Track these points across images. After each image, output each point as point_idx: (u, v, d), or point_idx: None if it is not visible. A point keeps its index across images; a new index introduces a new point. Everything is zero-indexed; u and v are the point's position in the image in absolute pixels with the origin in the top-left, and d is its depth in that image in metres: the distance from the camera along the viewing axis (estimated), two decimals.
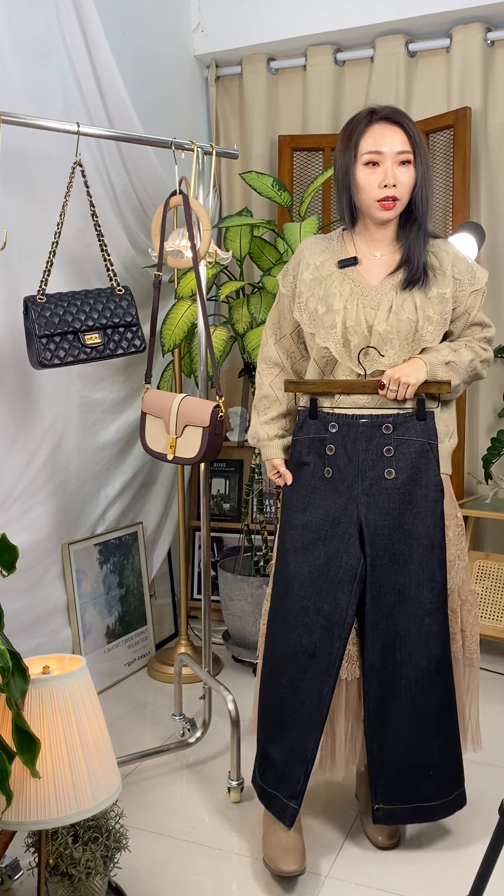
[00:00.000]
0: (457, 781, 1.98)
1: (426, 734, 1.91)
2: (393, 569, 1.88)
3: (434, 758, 1.93)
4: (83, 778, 1.49)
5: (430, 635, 1.90)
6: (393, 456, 1.87)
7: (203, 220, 2.23)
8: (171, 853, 2.01)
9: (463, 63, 3.27)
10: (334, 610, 1.89)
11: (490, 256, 3.33)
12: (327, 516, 1.91)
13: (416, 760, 1.92)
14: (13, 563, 1.55)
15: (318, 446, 1.92)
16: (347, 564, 1.89)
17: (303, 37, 3.44)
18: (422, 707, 1.90)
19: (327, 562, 1.90)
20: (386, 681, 1.90)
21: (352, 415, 1.89)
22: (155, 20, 3.29)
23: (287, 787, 1.91)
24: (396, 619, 1.89)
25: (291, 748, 1.91)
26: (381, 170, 1.84)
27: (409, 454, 1.87)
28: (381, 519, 1.88)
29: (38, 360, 2.15)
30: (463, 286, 1.94)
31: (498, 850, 1.33)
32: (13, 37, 2.39)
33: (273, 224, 3.08)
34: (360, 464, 1.88)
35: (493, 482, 3.30)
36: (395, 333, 1.86)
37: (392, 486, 1.87)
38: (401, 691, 1.90)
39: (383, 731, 1.91)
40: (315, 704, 1.89)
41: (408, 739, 1.91)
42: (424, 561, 1.89)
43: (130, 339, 2.29)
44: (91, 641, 2.86)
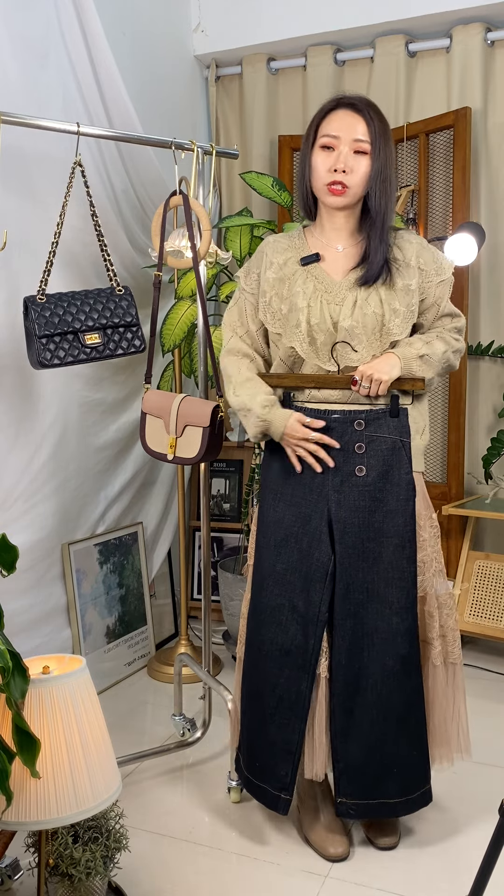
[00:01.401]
0: (422, 780, 1.96)
1: (391, 732, 1.90)
2: (362, 567, 1.87)
3: (399, 756, 1.92)
4: (83, 778, 1.49)
5: (398, 634, 1.88)
6: (364, 453, 1.85)
7: (203, 220, 2.23)
8: (171, 853, 2.01)
9: (463, 63, 3.27)
10: (308, 607, 1.89)
11: (490, 256, 3.33)
12: (299, 513, 1.90)
13: (380, 758, 1.91)
14: (13, 563, 1.55)
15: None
16: (319, 562, 1.88)
17: (303, 37, 3.44)
18: (387, 705, 1.89)
19: (300, 559, 1.90)
20: (352, 678, 1.89)
21: (324, 410, 1.87)
22: (155, 20, 3.29)
23: (275, 779, 1.94)
24: (364, 617, 1.88)
25: (274, 742, 1.93)
26: (335, 154, 1.82)
27: (381, 451, 1.86)
28: (351, 516, 1.86)
29: (37, 360, 2.15)
30: (429, 277, 1.91)
31: (498, 850, 1.33)
32: (13, 37, 2.39)
33: (273, 224, 3.08)
34: (332, 459, 1.86)
35: (493, 482, 3.30)
36: (361, 328, 1.84)
37: (363, 483, 1.86)
38: (367, 689, 1.89)
39: (347, 727, 1.91)
40: (294, 700, 1.91)
41: (373, 737, 1.90)
42: (394, 560, 1.87)
43: (130, 339, 2.29)
44: (91, 641, 2.86)
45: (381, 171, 1.83)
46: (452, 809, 2.17)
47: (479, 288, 3.37)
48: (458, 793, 2.25)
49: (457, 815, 2.15)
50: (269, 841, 2.05)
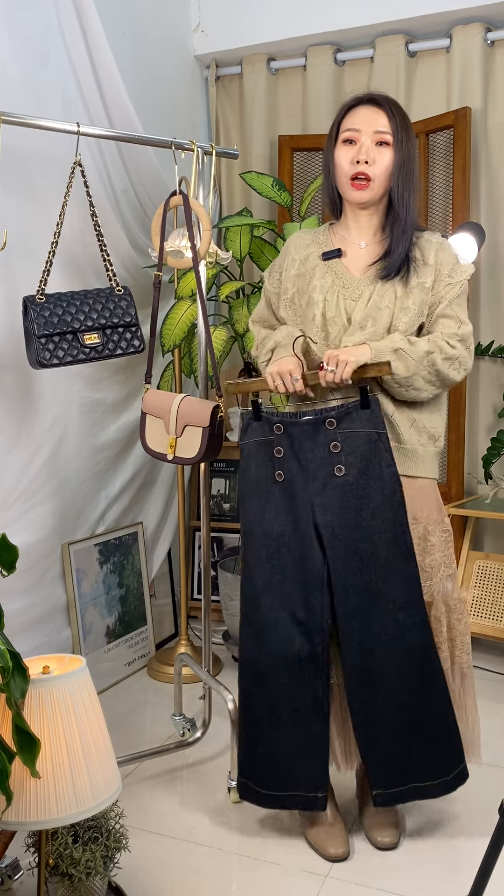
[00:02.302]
0: (456, 759, 1.94)
1: (416, 720, 1.89)
2: (357, 568, 1.83)
3: (427, 744, 1.90)
4: (83, 778, 1.49)
5: (406, 630, 1.85)
6: (341, 451, 1.80)
7: (203, 220, 2.23)
8: (171, 853, 2.01)
9: (463, 63, 3.27)
10: (310, 616, 1.87)
11: (490, 256, 3.33)
12: (287, 521, 1.87)
13: (408, 745, 1.90)
14: (13, 563, 1.55)
15: (266, 449, 1.88)
16: (314, 568, 1.85)
17: (303, 37, 3.44)
18: (408, 698, 1.87)
19: (294, 568, 1.87)
20: (367, 680, 1.87)
21: (295, 412, 1.84)
22: (155, 20, 3.29)
23: (307, 783, 1.93)
24: (369, 617, 1.84)
25: (300, 749, 1.92)
26: (357, 146, 1.84)
27: (358, 447, 1.80)
28: (338, 519, 1.82)
29: (37, 359, 2.15)
30: (441, 276, 1.90)
31: (498, 850, 1.33)
32: (13, 37, 2.39)
33: (273, 224, 3.08)
34: (309, 464, 1.83)
35: (493, 482, 3.30)
36: (371, 322, 1.84)
37: (344, 482, 1.81)
38: (383, 688, 1.87)
39: (371, 728, 1.89)
40: (312, 707, 1.89)
41: (397, 731, 1.89)
42: (389, 555, 1.83)
43: (130, 339, 2.29)
44: (91, 641, 2.86)
45: (405, 164, 1.85)
46: (452, 809, 2.17)
47: (479, 288, 3.37)
48: (458, 793, 2.24)
49: (457, 814, 2.15)
50: (269, 841, 2.05)
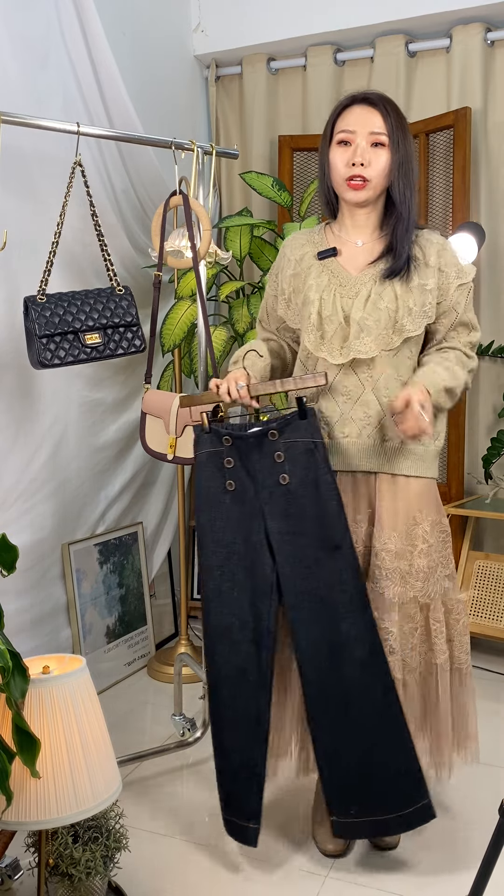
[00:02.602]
0: (415, 793, 1.84)
1: (369, 745, 1.82)
2: (304, 574, 1.83)
3: (376, 772, 1.83)
4: (83, 778, 1.49)
5: (351, 640, 1.81)
6: (284, 460, 1.82)
7: (203, 220, 2.23)
8: (171, 853, 2.01)
9: (463, 63, 3.27)
10: (258, 623, 1.87)
11: (490, 256, 3.33)
12: (238, 529, 1.88)
13: (357, 774, 1.84)
14: (13, 563, 1.55)
15: (216, 460, 1.89)
16: (262, 575, 1.86)
17: (303, 37, 3.44)
18: (355, 715, 1.82)
19: (244, 576, 1.88)
20: (320, 691, 1.83)
21: (241, 425, 1.86)
22: (155, 20, 3.29)
23: (240, 809, 1.89)
24: (317, 626, 1.83)
25: (238, 768, 1.89)
26: (353, 148, 1.82)
27: (298, 456, 1.82)
28: (285, 526, 1.83)
29: (38, 360, 2.15)
30: (449, 279, 1.88)
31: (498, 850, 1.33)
32: (13, 37, 2.39)
33: (273, 224, 3.08)
34: (257, 473, 1.84)
35: (493, 482, 3.30)
36: (374, 322, 1.83)
37: (288, 490, 1.83)
38: (335, 701, 1.82)
39: (328, 743, 1.84)
40: (254, 720, 1.87)
41: (353, 751, 1.83)
42: (331, 565, 1.82)
43: (130, 339, 2.29)
44: (91, 641, 2.86)
45: (403, 164, 1.83)
46: (452, 809, 2.17)
47: (479, 288, 3.37)
48: (458, 793, 2.25)
49: (457, 815, 2.15)
50: (270, 841, 2.05)
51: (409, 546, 1.89)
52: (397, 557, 1.87)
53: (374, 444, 1.88)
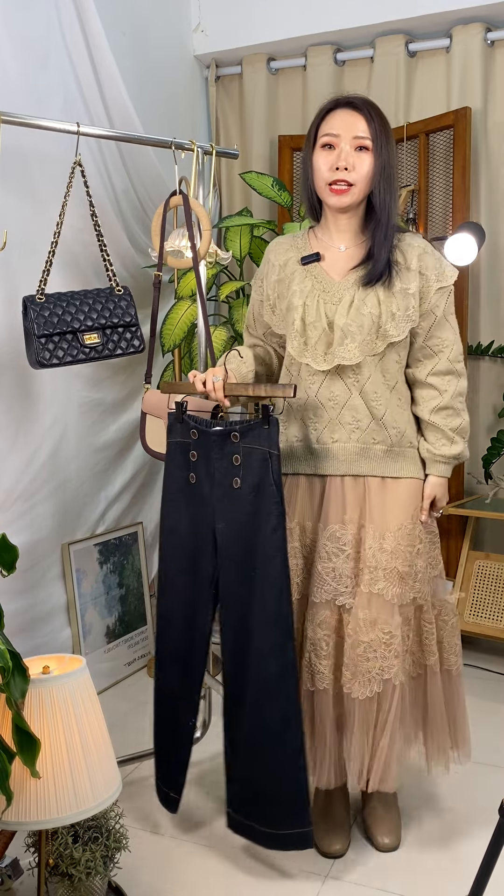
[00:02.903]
0: (295, 819, 1.83)
1: (260, 756, 1.84)
2: (236, 580, 1.86)
3: (265, 787, 1.85)
4: (83, 778, 1.49)
5: (261, 654, 1.82)
6: (241, 465, 1.82)
7: (203, 220, 2.23)
8: (171, 853, 2.01)
9: (463, 63, 3.27)
10: (197, 616, 1.92)
11: (490, 256, 3.33)
12: (192, 523, 1.92)
13: (249, 781, 1.87)
14: (13, 563, 1.56)
15: (183, 451, 1.91)
16: (206, 571, 1.90)
17: (303, 37, 3.44)
18: (255, 729, 1.84)
19: (191, 567, 1.93)
20: (235, 691, 1.88)
21: (207, 421, 1.88)
22: (155, 20, 3.29)
23: (167, 777, 2.04)
24: (245, 630, 1.85)
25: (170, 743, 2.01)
26: (336, 152, 1.81)
27: (254, 463, 1.82)
28: (230, 529, 1.86)
29: (36, 359, 2.15)
30: (429, 282, 1.87)
31: (498, 850, 1.33)
32: (13, 37, 2.39)
33: (273, 224, 3.08)
34: (215, 472, 1.85)
35: (493, 482, 3.30)
36: (357, 328, 1.82)
37: (239, 495, 1.83)
38: (246, 705, 1.85)
39: (233, 738, 1.90)
40: (185, 708, 1.97)
41: (248, 755, 1.87)
42: (261, 575, 1.82)
43: (129, 339, 2.29)
44: (91, 641, 2.86)
45: (385, 168, 1.82)
46: (452, 809, 2.17)
47: (479, 288, 3.37)
48: (458, 793, 2.25)
49: (457, 815, 2.15)
50: None
51: (409, 546, 1.89)
52: (394, 558, 1.86)
53: (363, 448, 1.88)
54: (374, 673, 1.84)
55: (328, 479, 1.91)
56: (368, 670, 1.84)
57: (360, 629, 1.85)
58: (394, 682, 1.85)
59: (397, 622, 1.86)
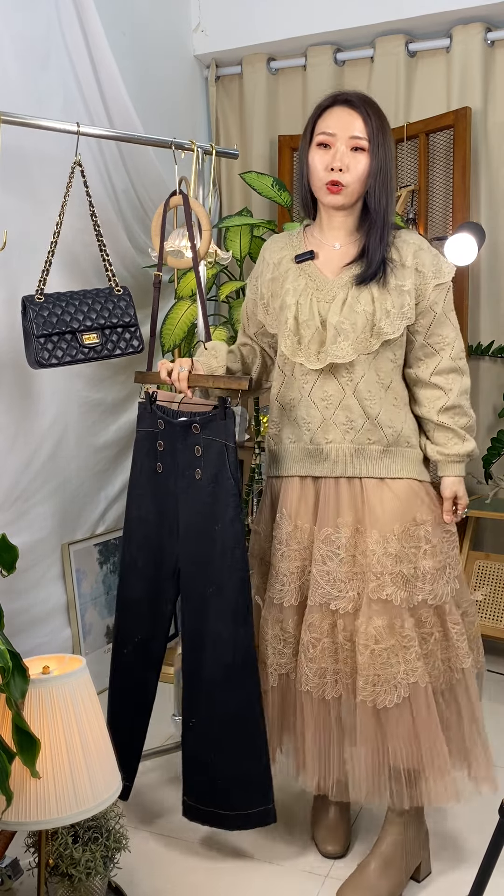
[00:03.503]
0: (262, 797, 1.88)
1: (220, 742, 1.89)
2: (195, 570, 1.92)
3: (227, 768, 1.89)
4: (83, 778, 1.49)
5: (220, 642, 1.87)
6: (201, 456, 1.89)
7: (203, 220, 2.23)
8: (171, 853, 2.01)
9: (463, 63, 3.27)
10: (159, 602, 2.01)
11: (490, 256, 3.33)
12: (158, 511, 1.99)
13: (212, 765, 1.91)
14: (13, 563, 1.56)
15: (151, 440, 1.99)
16: (169, 560, 1.99)
17: (303, 37, 3.44)
18: (216, 714, 1.90)
19: (155, 555, 2.00)
20: (191, 681, 1.94)
21: (174, 412, 1.94)
22: (155, 20, 3.29)
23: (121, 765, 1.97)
24: (201, 620, 1.92)
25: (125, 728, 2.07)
26: (332, 152, 1.80)
27: (213, 454, 1.88)
28: (190, 519, 1.92)
29: (35, 359, 2.15)
30: (426, 279, 1.84)
31: (498, 850, 1.33)
32: (13, 37, 2.40)
33: (273, 224, 3.08)
34: (179, 462, 1.93)
35: (493, 482, 3.30)
36: (350, 326, 1.80)
37: (199, 486, 1.89)
38: (202, 693, 1.92)
39: (190, 728, 1.95)
40: (142, 689, 2.04)
41: (206, 743, 1.92)
42: (218, 566, 1.87)
43: (129, 339, 2.29)
44: (91, 641, 2.86)
45: (381, 169, 1.80)
46: (452, 810, 2.17)
47: (479, 288, 3.37)
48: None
49: (457, 815, 2.15)
50: (270, 841, 2.05)
51: (413, 548, 1.83)
52: (398, 561, 1.81)
53: (358, 448, 1.84)
54: (400, 678, 1.78)
55: (322, 480, 1.88)
56: (394, 675, 1.78)
57: (379, 636, 1.79)
58: (420, 684, 1.79)
59: (411, 624, 1.81)
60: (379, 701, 1.79)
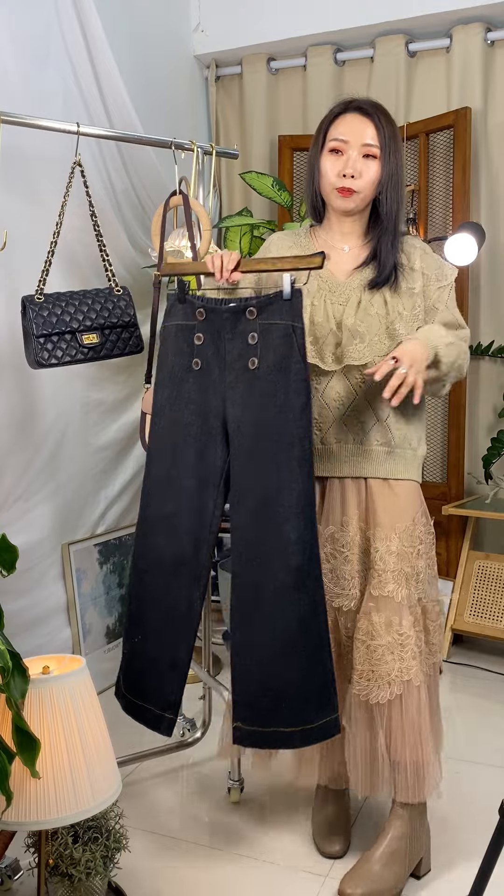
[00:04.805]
0: (323, 708, 1.75)
1: (285, 653, 1.74)
2: (254, 469, 1.73)
3: (292, 681, 1.74)
4: (83, 778, 1.49)
5: (289, 544, 1.71)
6: (257, 343, 1.73)
7: (203, 220, 2.23)
8: (171, 853, 2.01)
9: (463, 63, 3.27)
10: (201, 514, 1.79)
11: (490, 256, 3.33)
12: (197, 412, 1.78)
13: (274, 681, 1.74)
14: (13, 563, 1.55)
15: (186, 334, 1.79)
16: (214, 465, 1.77)
17: (303, 37, 3.45)
18: (280, 623, 1.73)
19: (195, 462, 1.79)
20: (249, 592, 1.75)
21: (220, 299, 1.77)
22: (155, 20, 3.29)
23: (159, 697, 1.85)
24: (258, 525, 1.73)
25: (160, 657, 1.85)
26: (344, 158, 1.81)
27: (274, 340, 1.71)
28: (245, 414, 1.73)
29: (35, 359, 2.15)
30: (429, 281, 1.89)
31: (498, 850, 1.33)
32: (13, 37, 2.40)
33: (273, 224, 3.08)
34: (227, 354, 1.76)
35: (493, 482, 3.30)
36: (366, 329, 1.82)
37: (254, 376, 1.72)
38: (261, 604, 1.74)
39: (244, 645, 1.77)
40: (185, 612, 1.82)
41: (266, 657, 1.74)
42: (284, 461, 1.71)
43: (128, 339, 2.29)
44: (91, 641, 2.86)
45: (392, 176, 1.83)
46: (452, 810, 2.17)
47: (479, 288, 3.37)
48: (458, 793, 2.25)
49: (457, 815, 2.15)
50: (269, 841, 2.05)
51: (411, 547, 1.88)
52: (400, 559, 1.85)
53: (366, 449, 1.87)
54: (394, 675, 1.81)
55: (328, 480, 1.91)
56: (388, 672, 1.81)
57: (375, 632, 1.82)
58: (415, 682, 1.82)
59: (409, 622, 1.84)
60: (372, 696, 1.82)
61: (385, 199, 1.84)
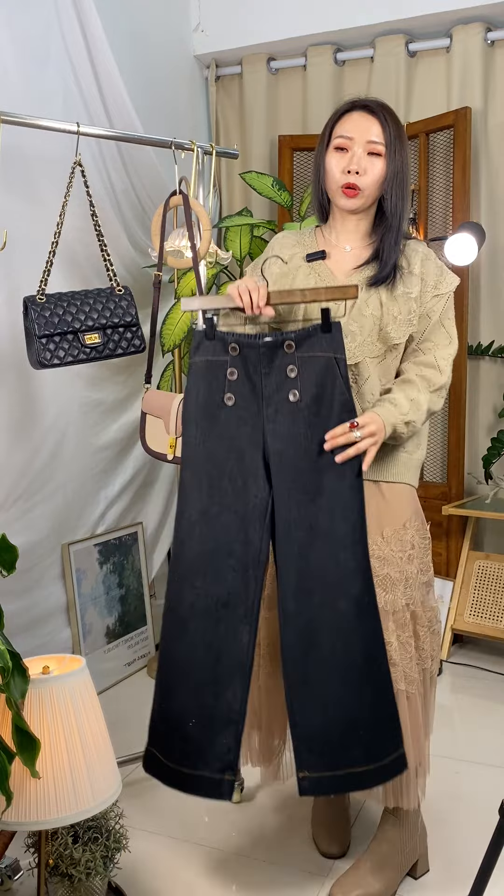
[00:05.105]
0: (391, 742, 1.70)
1: (351, 688, 1.67)
2: (302, 501, 1.70)
3: (362, 716, 1.68)
4: (83, 778, 1.49)
5: (348, 572, 1.68)
6: (297, 376, 1.71)
7: (203, 220, 2.23)
8: (171, 853, 2.01)
9: (463, 63, 3.27)
10: (247, 549, 1.72)
11: (490, 256, 3.33)
12: (232, 447, 1.74)
13: (341, 720, 1.67)
14: (13, 563, 1.55)
15: (216, 370, 1.76)
16: (257, 499, 1.72)
17: (303, 37, 3.45)
18: (344, 657, 1.67)
19: (235, 498, 1.73)
20: (303, 628, 1.68)
21: (254, 334, 1.75)
22: (155, 20, 3.29)
23: (215, 759, 1.70)
24: (309, 557, 1.68)
25: (213, 712, 1.71)
26: (349, 155, 1.81)
27: (314, 372, 1.70)
28: (287, 447, 1.71)
29: (37, 360, 2.15)
30: (427, 287, 1.86)
31: (498, 850, 1.33)
32: (13, 37, 2.40)
33: (273, 224, 3.08)
34: (264, 388, 1.73)
35: (493, 482, 3.30)
36: (358, 328, 1.81)
37: (296, 409, 1.70)
38: (320, 639, 1.68)
39: (304, 686, 1.68)
40: (236, 657, 1.70)
41: (330, 695, 1.67)
42: (336, 489, 1.69)
43: (130, 339, 2.29)
44: (91, 642, 2.86)
45: (397, 174, 1.82)
46: (452, 810, 2.17)
47: (479, 288, 3.37)
48: (458, 793, 2.25)
49: (457, 815, 2.15)
50: (269, 841, 2.05)
51: (400, 552, 1.84)
52: (386, 564, 1.82)
53: None
54: None
55: None
56: None
57: None
58: (397, 686, 1.80)
59: (391, 629, 1.81)
60: None
61: (390, 197, 1.84)
